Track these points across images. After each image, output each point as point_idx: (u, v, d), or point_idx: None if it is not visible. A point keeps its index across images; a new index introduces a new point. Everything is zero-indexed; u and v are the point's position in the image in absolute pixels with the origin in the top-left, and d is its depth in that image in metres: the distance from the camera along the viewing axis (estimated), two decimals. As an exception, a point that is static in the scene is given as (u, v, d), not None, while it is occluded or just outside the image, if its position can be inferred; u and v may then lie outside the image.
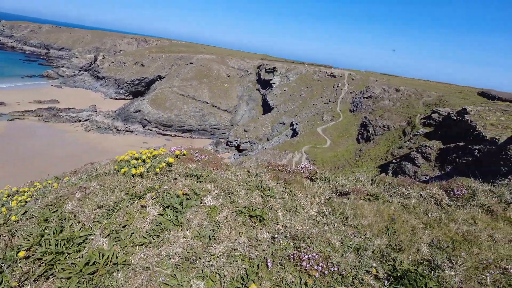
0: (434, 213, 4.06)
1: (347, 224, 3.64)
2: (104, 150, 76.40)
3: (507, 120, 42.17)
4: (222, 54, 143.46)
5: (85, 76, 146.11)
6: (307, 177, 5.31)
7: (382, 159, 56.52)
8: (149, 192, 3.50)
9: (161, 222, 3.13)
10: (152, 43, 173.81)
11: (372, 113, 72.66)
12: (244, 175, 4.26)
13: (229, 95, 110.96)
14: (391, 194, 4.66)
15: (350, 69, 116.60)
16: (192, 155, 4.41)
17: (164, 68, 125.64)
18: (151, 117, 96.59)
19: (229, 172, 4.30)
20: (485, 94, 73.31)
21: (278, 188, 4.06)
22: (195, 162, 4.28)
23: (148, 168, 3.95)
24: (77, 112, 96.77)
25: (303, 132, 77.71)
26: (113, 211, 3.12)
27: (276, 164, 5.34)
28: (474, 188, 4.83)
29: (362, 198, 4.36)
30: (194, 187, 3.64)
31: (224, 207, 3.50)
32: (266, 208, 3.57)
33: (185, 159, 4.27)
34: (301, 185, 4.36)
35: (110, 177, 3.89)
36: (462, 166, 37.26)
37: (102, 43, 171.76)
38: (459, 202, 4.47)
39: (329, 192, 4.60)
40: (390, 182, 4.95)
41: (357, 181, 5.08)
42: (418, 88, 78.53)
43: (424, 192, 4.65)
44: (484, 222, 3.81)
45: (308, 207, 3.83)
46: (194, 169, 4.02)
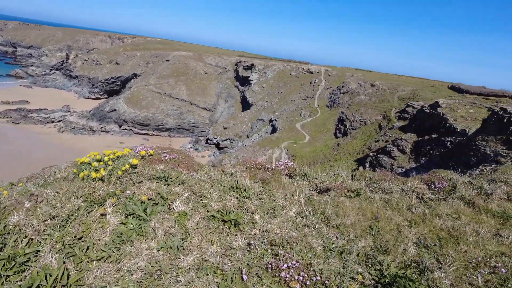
0: (417, 208, 3.94)
1: (328, 224, 3.43)
2: (80, 152, 73.64)
3: (475, 112, 44.04)
4: (199, 51, 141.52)
5: (56, 75, 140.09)
6: (286, 174, 5.08)
7: (360, 153, 57.72)
8: (110, 198, 3.11)
9: (122, 232, 2.75)
10: (127, 40, 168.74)
11: (348, 108, 73.99)
12: (218, 175, 3.92)
13: (207, 92, 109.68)
14: (373, 190, 4.52)
15: (326, 65, 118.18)
16: (159, 156, 4.01)
17: (139, 66, 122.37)
18: (127, 117, 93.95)
19: (201, 172, 3.93)
20: (455, 88, 76.29)
21: (255, 188, 3.76)
22: (163, 163, 3.89)
23: (110, 171, 3.54)
24: (49, 113, 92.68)
25: (282, 128, 78.09)
26: (68, 222, 2.71)
27: (254, 162, 5.08)
28: (454, 181, 4.79)
29: (343, 194, 4.18)
30: (161, 190, 3.26)
31: (195, 212, 3.16)
32: (241, 210, 3.27)
33: (152, 160, 3.87)
34: (280, 183, 4.10)
35: (68, 182, 3.44)
36: (436, 158, 38.59)
37: (74, 41, 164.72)
38: (440, 195, 4.40)
39: (309, 189, 4.39)
40: (371, 177, 4.81)
41: (337, 177, 4.91)
42: (393, 83, 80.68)
43: (405, 186, 4.55)
44: (468, 216, 3.73)
45: (287, 207, 3.58)
46: (162, 171, 3.62)
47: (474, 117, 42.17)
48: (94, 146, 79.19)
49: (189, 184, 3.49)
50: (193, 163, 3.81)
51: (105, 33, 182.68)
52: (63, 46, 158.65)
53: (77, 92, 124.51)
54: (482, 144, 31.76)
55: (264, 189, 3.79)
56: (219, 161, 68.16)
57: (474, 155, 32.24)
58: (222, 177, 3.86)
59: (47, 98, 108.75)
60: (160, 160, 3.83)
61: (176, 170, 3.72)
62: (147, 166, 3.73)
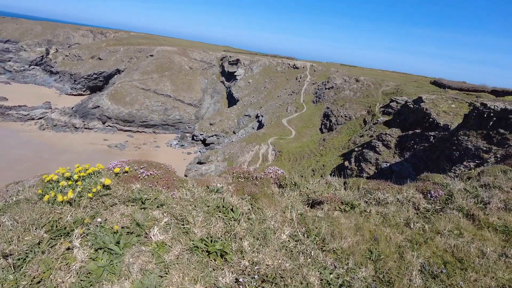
0: (416, 223, 3.75)
1: (325, 248, 3.16)
2: (63, 149, 71.60)
3: (457, 107, 44.97)
4: (184, 45, 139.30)
5: (36, 71, 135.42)
6: (276, 183, 4.80)
7: (345, 148, 58.25)
8: (78, 227, 2.72)
9: (90, 271, 2.38)
10: (110, 35, 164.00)
11: (334, 103, 74.49)
12: (202, 192, 3.56)
13: (192, 88, 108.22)
14: (367, 201, 4.31)
15: (312, 61, 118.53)
16: (136, 172, 3.59)
17: (123, 61, 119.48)
18: (111, 113, 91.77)
19: (183, 190, 3.52)
20: (437, 83, 78.02)
21: (243, 207, 3.43)
22: (140, 180, 3.46)
23: (80, 192, 3.14)
24: (29, 110, 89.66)
25: (269, 124, 78.01)
26: (25, 261, 2.31)
27: (242, 170, 4.76)
28: (450, 188, 4.64)
29: (337, 208, 3.94)
30: (137, 216, 2.88)
31: (176, 242, 2.80)
32: (228, 237, 2.94)
33: (127, 177, 3.44)
34: (270, 198, 3.80)
35: (31, 205, 3.00)
36: (420, 152, 39.26)
37: (54, 36, 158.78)
38: (437, 205, 4.23)
39: (301, 202, 4.12)
40: (365, 188, 4.58)
41: (329, 186, 4.67)
42: (377, 78, 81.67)
43: (400, 196, 4.35)
44: (470, 232, 3.56)
45: (279, 230, 3.28)
46: (138, 191, 3.21)
47: (456, 112, 43.07)
48: (78, 143, 77.13)
49: (169, 206, 3.12)
50: (174, 179, 3.44)
51: (86, 28, 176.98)
52: (43, 41, 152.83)
53: (59, 88, 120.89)
54: (464, 138, 32.42)
55: (253, 207, 3.47)
56: (206, 157, 67.45)
57: (456, 149, 32.88)
58: (206, 194, 3.50)
59: (26, 95, 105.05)
60: (136, 177, 3.42)
61: (155, 189, 3.32)
62: (122, 186, 3.32)
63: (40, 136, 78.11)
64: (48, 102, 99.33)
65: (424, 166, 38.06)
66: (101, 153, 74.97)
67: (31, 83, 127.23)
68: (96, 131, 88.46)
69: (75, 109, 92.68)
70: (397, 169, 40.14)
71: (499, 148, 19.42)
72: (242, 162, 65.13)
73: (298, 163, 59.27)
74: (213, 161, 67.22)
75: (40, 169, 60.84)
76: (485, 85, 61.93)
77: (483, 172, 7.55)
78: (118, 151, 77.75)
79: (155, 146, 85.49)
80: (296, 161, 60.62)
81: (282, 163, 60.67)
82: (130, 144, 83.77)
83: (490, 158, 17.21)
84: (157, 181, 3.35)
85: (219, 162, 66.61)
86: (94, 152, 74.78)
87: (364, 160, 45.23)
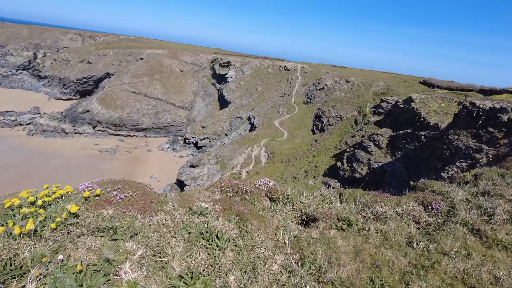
0: (419, 242, 3.47)
1: (321, 279, 2.83)
2: (53, 155, 70.31)
3: (446, 106, 45.42)
4: (174, 48, 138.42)
5: (24, 75, 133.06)
6: (267, 196, 4.49)
7: (337, 148, 58.38)
8: (35, 267, 2.34)
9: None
10: (99, 38, 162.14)
11: (325, 104, 74.71)
12: (184, 215, 3.16)
13: (183, 90, 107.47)
14: (365, 216, 4.04)
15: (302, 62, 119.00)
16: (109, 195, 3.18)
17: (112, 65, 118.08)
18: (101, 117, 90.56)
19: (162, 214, 3.10)
20: (426, 83, 78.88)
21: (230, 231, 3.07)
22: (113, 204, 3.04)
23: (42, 221, 2.74)
24: (17, 115, 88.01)
25: (261, 126, 77.85)
26: None
27: (230, 183, 4.44)
28: (451, 199, 4.40)
29: (333, 226, 3.64)
30: (106, 250, 2.49)
31: (150, 281, 2.40)
32: (212, 271, 2.60)
33: (99, 201, 3.04)
34: (260, 219, 3.45)
35: None
36: (411, 152, 39.47)
37: (41, 40, 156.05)
38: (439, 218, 3.98)
39: (294, 219, 3.82)
40: (362, 201, 4.29)
41: (324, 199, 4.39)
42: (367, 79, 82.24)
43: (400, 209, 4.09)
44: (479, 252, 3.31)
45: (270, 259, 2.95)
46: (110, 218, 2.80)
47: (445, 111, 43.49)
48: (68, 148, 75.82)
49: (145, 235, 2.73)
50: (152, 201, 3.07)
51: (75, 31, 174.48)
52: (30, 45, 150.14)
53: (47, 93, 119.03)
54: (454, 137, 32.68)
55: (241, 231, 3.11)
56: (198, 161, 66.83)
57: (447, 148, 33.12)
58: (188, 217, 3.13)
59: (14, 100, 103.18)
60: (109, 201, 3.03)
61: (129, 215, 2.93)
62: (92, 212, 2.91)
63: (29, 142, 76.61)
64: (36, 107, 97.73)
65: (415, 165, 38.29)
66: (92, 158, 73.73)
67: (18, 88, 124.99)
68: (86, 136, 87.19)
69: (64, 114, 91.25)
70: (389, 169, 40.28)
71: (490, 148, 19.50)
72: (235, 165, 64.72)
73: (291, 165, 59.16)
74: (205, 164, 66.66)
75: (28, 176, 59.42)
76: (473, 84, 62.76)
77: (480, 175, 7.37)
78: (109, 156, 76.61)
79: (147, 150, 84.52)
80: (289, 162, 60.50)
81: (275, 164, 60.49)
82: (121, 148, 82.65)
83: (482, 158, 17.24)
84: (133, 204, 2.97)
85: (211, 165, 66.08)
86: (85, 157, 73.53)
87: (356, 161, 45.32)
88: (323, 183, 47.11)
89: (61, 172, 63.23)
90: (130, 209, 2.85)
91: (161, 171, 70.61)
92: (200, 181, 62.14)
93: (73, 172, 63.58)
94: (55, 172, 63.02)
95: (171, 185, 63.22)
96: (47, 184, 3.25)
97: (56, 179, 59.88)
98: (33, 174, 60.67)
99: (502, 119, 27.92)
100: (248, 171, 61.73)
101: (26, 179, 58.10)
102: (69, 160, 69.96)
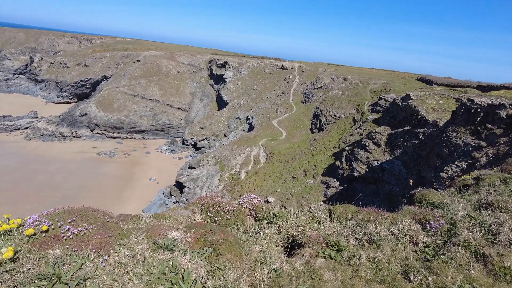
0: (416, 273, 3.10)
1: None
2: (51, 159, 70.01)
3: (444, 103, 45.11)
4: (171, 49, 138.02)
5: (20, 79, 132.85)
6: (251, 215, 4.13)
7: (336, 147, 58.09)
8: None
9: None
10: (95, 41, 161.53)
11: (323, 103, 74.36)
12: (147, 249, 2.74)
13: (181, 92, 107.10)
14: (358, 238, 3.68)
15: (299, 61, 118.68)
16: (59, 230, 2.71)
17: (109, 68, 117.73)
18: (99, 120, 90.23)
19: (121, 249, 2.61)
20: (423, 79, 78.67)
21: (199, 269, 2.64)
22: (63, 242, 2.58)
23: None
24: (14, 120, 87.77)
25: (259, 126, 77.52)
26: None
27: (211, 201, 4.06)
28: (451, 216, 4.04)
29: (320, 253, 3.27)
30: None
31: None
32: None
33: (46, 239, 2.56)
34: (236, 251, 3.02)
35: None
36: (410, 149, 39.17)
37: (38, 43, 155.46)
38: (438, 238, 3.63)
39: (280, 242, 3.45)
40: (354, 219, 3.92)
41: (313, 218, 4.03)
42: (365, 76, 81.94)
43: (395, 228, 3.73)
44: (485, 285, 2.94)
45: None
46: (55, 261, 2.29)
47: (443, 108, 43.17)
48: (66, 152, 75.53)
49: (96, 280, 2.33)
50: (111, 234, 2.65)
51: (71, 34, 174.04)
52: (26, 49, 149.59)
53: (44, 96, 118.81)
54: (453, 135, 32.36)
55: (213, 268, 2.73)
56: (197, 162, 66.46)
57: (446, 146, 32.80)
58: (152, 253, 2.69)
59: (11, 104, 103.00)
60: (59, 237, 2.58)
61: (80, 255, 2.48)
62: (35, 254, 2.48)
63: (27, 146, 76.32)
64: (34, 111, 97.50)
65: (414, 163, 37.98)
66: (90, 161, 73.39)
67: (15, 92, 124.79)
68: (84, 139, 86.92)
69: (62, 118, 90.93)
70: (388, 167, 40.00)
71: (490, 147, 19.19)
72: (234, 165, 64.41)
73: (290, 164, 58.86)
74: (204, 165, 66.32)
75: (27, 180, 59.03)
76: (470, 80, 62.58)
77: (481, 179, 7.04)
78: (107, 159, 76.28)
79: (145, 152, 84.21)
80: (288, 162, 60.20)
81: (274, 164, 60.18)
82: (120, 151, 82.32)
83: (482, 157, 16.94)
84: (87, 240, 2.57)
85: (210, 166, 65.74)
86: (83, 160, 73.19)
87: (355, 159, 45.02)
88: (322, 183, 46.82)
89: (59, 176, 62.86)
90: (82, 247, 2.47)
91: (160, 173, 70.30)
92: (199, 182, 61.82)
93: (72, 176, 63.21)
94: (53, 176, 62.65)
95: (170, 187, 62.91)
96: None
97: (55, 184, 59.47)
98: (32, 178, 60.30)
99: (501, 115, 27.62)
100: (247, 171, 61.42)
101: (25, 184, 57.72)
102: (67, 164, 69.61)
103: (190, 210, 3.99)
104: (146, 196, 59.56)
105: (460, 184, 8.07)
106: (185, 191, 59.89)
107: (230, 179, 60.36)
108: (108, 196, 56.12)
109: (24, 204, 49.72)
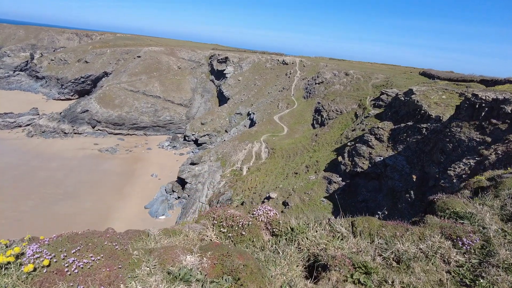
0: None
1: None
2: (52, 156, 70.00)
3: (447, 98, 44.64)
4: (171, 45, 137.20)
5: (21, 76, 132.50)
6: (267, 229, 3.86)
7: (337, 143, 57.73)
8: None
9: None
10: (95, 37, 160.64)
11: (324, 98, 73.83)
12: (162, 281, 2.40)
13: (182, 88, 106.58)
14: (385, 257, 3.41)
15: (300, 56, 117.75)
16: (62, 263, 2.36)
17: (110, 64, 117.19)
18: (100, 117, 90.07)
19: (133, 283, 2.14)
20: (425, 74, 77.90)
21: None
22: (67, 277, 2.30)
23: None
24: (16, 117, 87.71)
25: (261, 121, 77.15)
26: None
27: (224, 214, 3.78)
28: (484, 232, 3.77)
29: (348, 278, 3.02)
30: None
31: None
32: None
33: (48, 275, 2.23)
34: (259, 279, 2.74)
35: None
36: (413, 145, 38.85)
37: (38, 40, 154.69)
38: (473, 257, 3.36)
39: (300, 264, 3.19)
40: (379, 235, 3.64)
41: (334, 234, 3.75)
42: (366, 71, 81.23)
43: (424, 246, 3.45)
44: None
45: None
46: None
47: (447, 103, 42.71)
48: (67, 149, 75.50)
49: None
50: (121, 266, 2.36)
51: (71, 31, 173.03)
52: (27, 46, 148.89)
53: (45, 93, 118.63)
54: (456, 130, 32.00)
55: None
56: (199, 158, 66.23)
57: (449, 141, 32.46)
58: (167, 287, 2.43)
59: (12, 101, 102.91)
60: (62, 272, 2.29)
61: None
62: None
63: (28, 143, 76.27)
64: (35, 108, 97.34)
65: (417, 159, 37.68)
66: (92, 157, 73.32)
67: (16, 89, 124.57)
68: (86, 135, 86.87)
69: (63, 114, 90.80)
70: (390, 163, 39.71)
71: (499, 143, 18.85)
72: (235, 161, 64.23)
73: (292, 160, 58.59)
74: (206, 161, 66.17)
75: (28, 177, 58.94)
76: (473, 75, 61.80)
77: (500, 182, 6.76)
78: (109, 155, 76.18)
79: (147, 148, 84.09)
80: (290, 157, 59.94)
81: (275, 160, 59.96)
82: (121, 147, 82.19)
83: (490, 155, 16.64)
84: (95, 273, 2.29)
85: (212, 162, 65.57)
86: (85, 157, 73.12)
87: (357, 155, 44.71)
88: (324, 178, 46.55)
89: (61, 173, 62.80)
90: (89, 283, 2.18)
91: (161, 169, 70.20)
92: (201, 178, 61.74)
93: (74, 173, 63.14)
94: (55, 173, 62.60)
95: (172, 183, 62.85)
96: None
97: (56, 180, 59.41)
98: (34, 175, 60.23)
99: (506, 110, 27.26)
100: (249, 167, 61.23)
101: (26, 181, 57.69)
102: (69, 161, 69.56)
103: (201, 224, 3.74)
104: (148, 192, 59.53)
105: (474, 186, 7.77)
106: (187, 187, 59.82)
107: (232, 175, 60.22)
108: (110, 192, 56.07)
109: (26, 201, 49.75)
